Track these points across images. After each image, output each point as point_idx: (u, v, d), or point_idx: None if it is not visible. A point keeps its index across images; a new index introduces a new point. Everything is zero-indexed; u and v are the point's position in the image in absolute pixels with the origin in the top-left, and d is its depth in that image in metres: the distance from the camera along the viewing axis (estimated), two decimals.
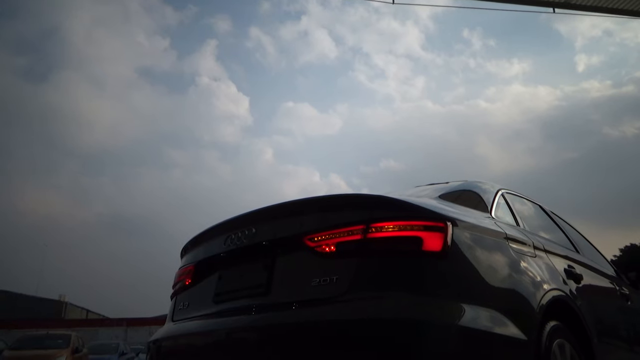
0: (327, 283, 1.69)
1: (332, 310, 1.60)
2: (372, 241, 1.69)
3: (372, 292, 1.60)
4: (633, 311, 3.17)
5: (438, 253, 1.64)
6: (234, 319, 1.89)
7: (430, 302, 1.55)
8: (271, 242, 1.96)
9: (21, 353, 11.94)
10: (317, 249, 1.78)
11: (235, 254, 2.09)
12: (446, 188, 2.40)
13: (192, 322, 2.13)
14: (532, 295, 1.89)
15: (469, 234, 1.80)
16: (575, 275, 2.43)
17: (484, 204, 2.30)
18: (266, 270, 1.92)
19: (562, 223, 3.26)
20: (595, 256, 3.35)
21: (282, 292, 1.84)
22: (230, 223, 2.21)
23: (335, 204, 1.90)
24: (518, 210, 2.59)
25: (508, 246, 2.00)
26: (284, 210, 2.03)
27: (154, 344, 2.25)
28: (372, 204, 1.80)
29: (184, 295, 2.35)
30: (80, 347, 13.33)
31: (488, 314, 1.65)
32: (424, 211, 1.77)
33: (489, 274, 1.77)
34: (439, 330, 1.51)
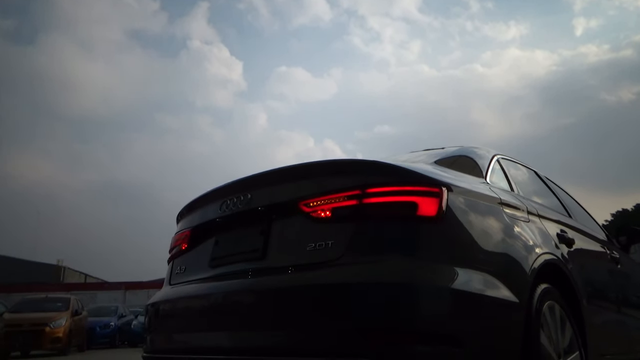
0: (323, 248, 1.71)
1: (327, 274, 1.62)
2: (368, 206, 1.70)
3: (367, 257, 1.62)
4: (622, 274, 3.24)
5: (433, 218, 1.66)
6: (230, 282, 1.91)
7: (424, 266, 1.57)
8: (267, 207, 1.97)
9: (21, 316, 12.14)
10: (312, 214, 1.79)
11: (231, 219, 2.11)
12: (442, 154, 2.40)
13: (189, 285, 2.16)
14: (524, 259, 1.92)
15: (464, 199, 1.82)
16: (567, 239, 2.47)
17: (479, 169, 2.31)
18: (262, 235, 1.93)
19: (556, 188, 3.29)
20: (588, 221, 3.40)
21: (277, 256, 1.87)
22: (225, 189, 2.21)
23: (331, 170, 1.90)
24: (513, 175, 2.60)
25: (502, 211, 2.02)
26: (279, 175, 2.03)
27: (152, 306, 2.29)
28: (368, 169, 1.80)
29: (181, 260, 2.38)
30: (79, 310, 13.57)
31: (481, 277, 1.68)
32: (420, 176, 1.77)
33: (482, 239, 1.79)
34: (432, 293, 1.53)
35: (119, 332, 16.52)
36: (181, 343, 2.06)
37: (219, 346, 1.85)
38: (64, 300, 13.62)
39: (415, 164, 1.97)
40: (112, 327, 16.11)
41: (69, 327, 12.13)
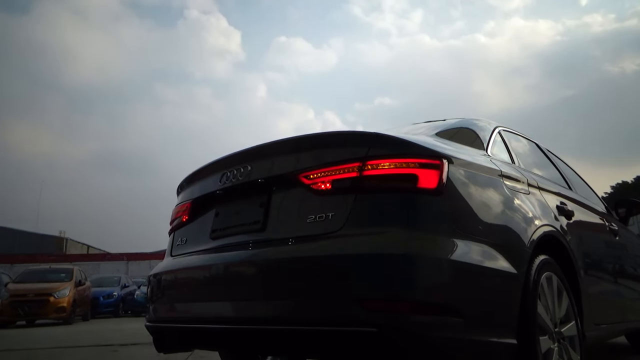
0: (323, 220, 1.71)
1: (327, 246, 1.63)
2: (368, 178, 1.69)
3: (367, 228, 1.62)
4: (620, 246, 3.27)
5: (433, 190, 1.66)
6: (231, 254, 1.93)
7: (423, 238, 1.58)
8: (267, 179, 1.97)
9: (25, 286, 12.33)
10: (312, 186, 1.79)
11: (231, 191, 2.11)
12: (443, 125, 2.39)
13: (190, 257, 2.18)
14: (523, 230, 1.94)
15: (464, 171, 1.81)
16: (566, 211, 2.48)
17: (480, 141, 2.30)
18: (262, 207, 1.94)
19: (556, 160, 3.29)
20: (587, 193, 3.41)
21: (278, 228, 1.88)
22: (225, 160, 2.21)
23: (331, 142, 1.89)
24: (514, 147, 2.60)
25: (502, 183, 2.02)
26: (279, 147, 2.02)
27: (154, 277, 2.32)
28: (368, 141, 1.79)
29: (182, 232, 2.40)
30: (82, 280, 13.76)
31: (480, 248, 1.69)
32: (420, 148, 1.76)
33: (482, 211, 1.80)
34: (431, 264, 1.55)
35: (122, 302, 16.78)
36: (183, 312, 2.09)
37: (220, 316, 1.87)
38: (67, 271, 13.80)
39: (416, 136, 1.96)
40: (115, 297, 16.36)
41: (72, 297, 12.34)
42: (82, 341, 6.63)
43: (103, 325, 10.86)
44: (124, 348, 5.47)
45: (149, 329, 2.27)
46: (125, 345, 5.82)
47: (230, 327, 1.85)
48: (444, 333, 1.51)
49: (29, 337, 7.97)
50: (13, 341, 7.13)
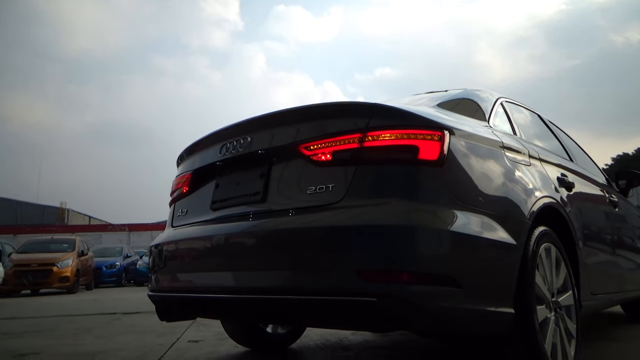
0: (323, 191, 1.71)
1: (328, 217, 1.64)
2: (368, 149, 1.69)
3: (367, 200, 1.62)
4: (619, 217, 3.29)
5: (434, 161, 1.65)
6: (231, 225, 1.94)
7: (423, 209, 1.58)
8: (267, 150, 1.96)
9: (29, 256, 12.48)
10: (313, 158, 1.79)
11: (231, 162, 2.11)
12: (445, 96, 2.37)
13: (191, 227, 2.19)
14: (523, 202, 1.94)
15: (465, 143, 1.80)
16: (567, 183, 2.48)
17: (482, 112, 2.28)
18: (262, 178, 1.94)
19: (558, 132, 3.28)
20: (588, 164, 3.41)
21: (278, 199, 1.88)
22: (225, 131, 2.20)
23: (331, 112, 1.87)
24: (516, 118, 2.58)
25: (503, 155, 2.01)
26: (279, 118, 2.01)
27: (155, 248, 2.34)
28: (369, 112, 1.77)
29: (182, 203, 2.40)
30: (85, 251, 13.91)
31: (480, 219, 1.70)
32: (422, 120, 1.75)
33: (483, 182, 1.80)
34: (431, 235, 1.55)
35: (125, 272, 17.00)
36: (184, 282, 2.12)
37: (221, 285, 1.90)
38: (69, 241, 13.95)
39: (417, 107, 1.94)
40: (118, 267, 16.56)
41: (75, 267, 12.50)
42: (86, 310, 6.75)
43: (106, 295, 11.03)
44: (127, 316, 5.57)
45: (152, 299, 2.30)
46: (129, 313, 5.92)
47: (231, 296, 1.87)
48: (443, 302, 1.53)
49: (33, 305, 8.11)
50: (18, 309, 7.25)
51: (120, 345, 3.37)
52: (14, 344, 3.62)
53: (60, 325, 4.79)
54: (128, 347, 3.31)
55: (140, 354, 3.00)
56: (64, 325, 4.78)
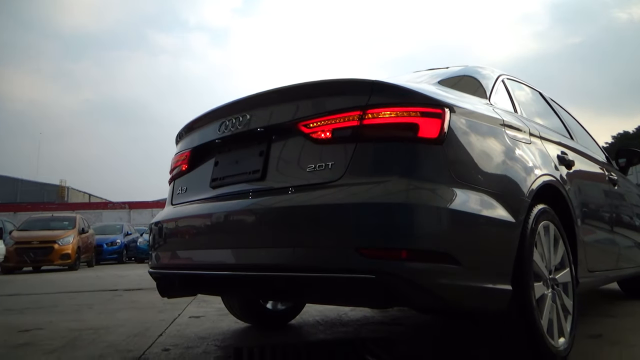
0: (323, 169, 1.71)
1: (327, 195, 1.64)
2: (368, 127, 1.68)
3: (367, 178, 1.62)
4: (618, 195, 3.29)
5: (434, 139, 1.65)
6: (231, 203, 1.94)
7: (423, 187, 1.58)
8: (266, 128, 1.95)
9: (30, 234, 12.55)
10: (312, 135, 1.78)
11: (230, 140, 2.10)
12: (445, 74, 2.35)
13: (191, 205, 2.20)
14: (523, 180, 1.94)
15: (466, 121, 1.79)
16: (567, 161, 2.48)
17: (483, 89, 2.27)
18: (261, 157, 1.93)
19: (559, 110, 3.26)
20: (588, 142, 3.41)
21: (277, 177, 1.88)
22: (224, 109, 2.18)
23: (331, 90, 1.85)
24: (517, 96, 2.56)
25: (504, 133, 2.01)
26: (278, 96, 1.99)
27: (155, 225, 2.34)
28: (369, 89, 1.75)
29: (182, 181, 2.40)
30: (85, 229, 13.98)
31: (479, 197, 1.70)
32: (422, 97, 1.73)
33: (482, 160, 1.79)
34: (430, 213, 1.56)
35: (126, 249, 17.12)
36: (185, 260, 2.13)
37: (221, 263, 1.91)
38: (70, 219, 14.00)
39: (417, 84, 1.93)
40: (119, 244, 16.67)
41: (76, 244, 12.59)
42: (88, 286, 6.82)
43: (108, 272, 11.13)
44: (128, 293, 5.63)
45: (152, 275, 2.32)
46: (130, 290, 5.99)
47: (232, 273, 1.89)
48: (441, 279, 1.54)
49: (35, 282, 8.19)
50: (21, 286, 7.32)
51: (121, 321, 3.41)
52: (17, 320, 3.67)
53: (62, 302, 4.84)
54: (129, 322, 3.35)
55: (141, 330, 3.04)
56: (66, 302, 4.83)
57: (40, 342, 2.72)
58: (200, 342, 2.60)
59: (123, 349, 2.49)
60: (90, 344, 2.65)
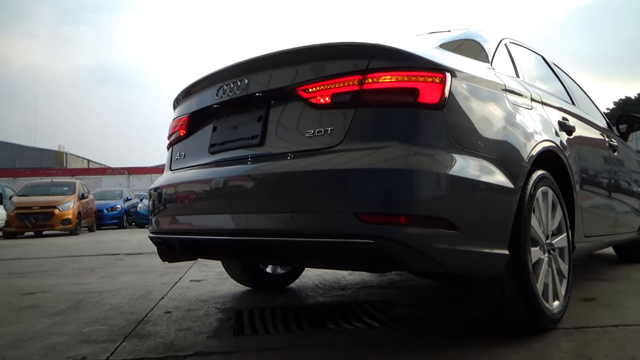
0: (322, 134, 1.70)
1: (327, 160, 1.63)
2: (368, 92, 1.66)
3: (366, 143, 1.61)
4: (617, 161, 3.29)
5: (434, 105, 1.63)
6: (230, 168, 1.94)
7: (422, 153, 1.58)
8: (264, 93, 1.93)
9: (30, 199, 12.61)
10: (311, 100, 1.76)
11: (228, 105, 2.08)
12: (447, 37, 2.30)
13: (190, 171, 2.19)
14: (523, 146, 1.93)
15: (467, 85, 1.77)
16: (568, 127, 2.47)
17: (485, 53, 2.23)
18: (260, 122, 1.92)
19: (561, 75, 3.22)
20: (590, 108, 3.38)
21: (276, 143, 1.87)
22: (221, 73, 2.15)
23: (331, 53, 1.82)
24: (519, 60, 2.52)
25: (505, 98, 1.98)
26: (277, 59, 1.95)
27: (154, 191, 2.35)
28: (369, 52, 1.72)
29: (180, 146, 2.39)
30: (85, 194, 14.03)
31: (478, 163, 1.70)
32: (423, 61, 1.71)
33: (483, 126, 1.78)
34: (429, 179, 1.56)
35: (126, 215, 17.22)
36: (185, 224, 2.14)
37: (221, 228, 1.92)
38: (69, 184, 14.04)
39: (419, 48, 1.89)
40: (119, 209, 16.76)
41: (77, 210, 12.67)
42: (90, 251, 6.90)
43: (109, 236, 11.24)
44: (129, 257, 5.70)
45: (153, 240, 2.34)
46: (131, 254, 6.06)
47: (231, 238, 1.90)
48: (439, 244, 1.55)
49: (37, 246, 8.27)
50: (23, 250, 7.41)
51: (124, 285, 3.47)
52: (20, 283, 3.73)
53: (64, 266, 4.90)
54: (131, 286, 3.41)
55: (143, 293, 3.09)
56: (68, 265, 4.90)
57: (45, 305, 2.77)
58: (201, 305, 2.65)
59: (126, 311, 2.55)
60: (94, 306, 2.70)
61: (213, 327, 2.15)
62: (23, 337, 2.06)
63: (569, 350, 1.68)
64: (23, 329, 2.20)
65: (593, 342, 1.77)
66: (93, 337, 2.03)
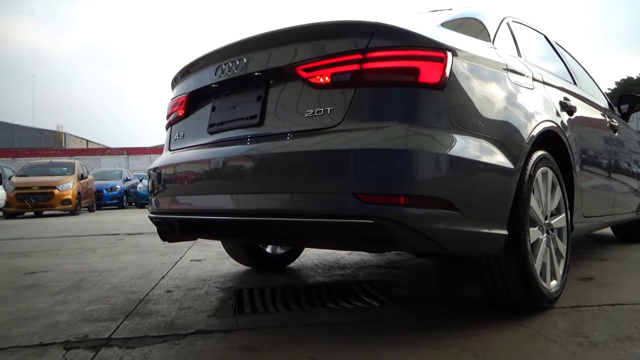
0: (322, 114, 1.69)
1: (326, 141, 1.62)
2: (368, 71, 1.64)
3: (366, 123, 1.60)
4: (618, 142, 3.29)
5: (435, 84, 1.61)
6: (229, 148, 1.93)
7: (422, 133, 1.57)
8: (263, 72, 1.91)
9: (29, 179, 12.62)
10: (311, 80, 1.74)
11: (227, 84, 2.06)
12: (448, 16, 2.27)
13: (189, 151, 2.19)
14: (523, 126, 1.92)
15: (468, 65, 1.75)
16: (569, 107, 2.46)
17: (487, 32, 2.20)
18: (259, 102, 1.90)
19: (564, 54, 3.19)
20: (591, 88, 3.36)
21: (276, 123, 1.85)
22: (220, 52, 2.12)
23: (331, 32, 1.80)
24: (521, 39, 2.49)
25: (506, 77, 1.97)
26: (276, 38, 1.93)
27: (154, 171, 2.35)
28: (370, 31, 1.70)
29: (179, 126, 2.38)
30: (85, 174, 14.03)
31: (478, 143, 1.69)
32: (424, 40, 1.68)
33: (483, 106, 1.77)
34: (429, 159, 1.55)
35: (126, 195, 17.26)
36: (184, 205, 2.15)
37: (220, 208, 1.92)
38: (68, 165, 14.03)
39: (419, 27, 1.87)
40: (119, 189, 16.79)
41: (77, 190, 12.69)
42: (90, 230, 6.93)
43: (109, 217, 11.28)
44: (130, 237, 5.73)
45: (153, 220, 2.35)
46: (131, 234, 6.09)
47: (231, 219, 1.91)
48: (438, 225, 1.56)
49: (38, 226, 8.31)
50: (23, 230, 7.44)
51: (124, 264, 3.49)
52: (22, 263, 3.75)
53: (65, 245, 4.93)
54: (132, 265, 3.43)
55: (144, 272, 3.11)
56: (69, 245, 4.92)
57: (47, 284, 2.79)
58: (201, 284, 2.68)
59: (127, 290, 2.57)
60: (95, 285, 2.72)
61: (213, 306, 2.17)
62: (25, 315, 2.08)
63: (565, 329, 1.70)
64: (25, 308, 2.22)
65: (589, 320, 1.79)
66: (95, 315, 2.05)
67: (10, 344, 1.69)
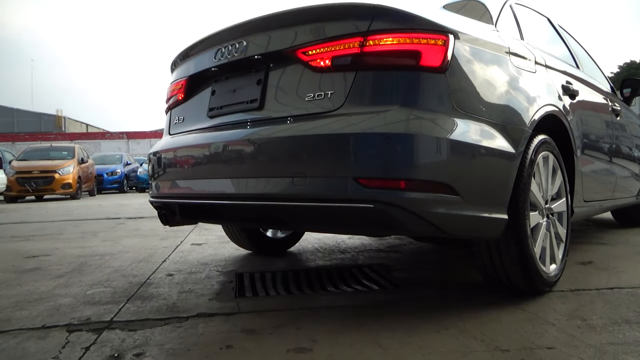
0: (322, 98, 1.68)
1: (327, 125, 1.62)
2: (369, 55, 1.62)
3: (367, 107, 1.59)
4: (620, 126, 3.27)
5: (437, 68, 1.60)
6: (229, 132, 1.92)
7: (423, 117, 1.56)
8: (263, 55, 1.89)
9: (30, 163, 12.62)
10: (311, 63, 1.73)
11: (227, 68, 2.04)
12: None
13: (189, 135, 2.18)
14: (525, 110, 1.91)
15: (470, 48, 1.74)
16: (571, 91, 2.44)
17: (489, 15, 2.18)
18: (259, 85, 1.89)
19: (567, 37, 3.16)
20: (594, 72, 3.33)
21: (276, 107, 1.84)
22: (219, 35, 2.10)
23: (331, 14, 1.78)
24: (524, 22, 2.47)
25: (508, 61, 1.95)
26: (276, 21, 1.91)
27: (154, 155, 2.34)
28: (371, 13, 1.68)
29: (178, 110, 2.37)
30: (85, 158, 14.02)
31: (480, 127, 1.68)
32: (426, 23, 1.66)
33: (485, 90, 1.76)
34: (430, 143, 1.55)
35: (126, 179, 17.27)
36: (185, 189, 2.15)
37: (221, 192, 1.92)
38: (69, 149, 14.02)
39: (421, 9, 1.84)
40: (119, 173, 16.79)
41: (77, 174, 12.70)
42: (91, 215, 6.95)
43: (110, 201, 11.30)
44: (131, 221, 5.75)
45: (153, 204, 2.35)
46: (132, 218, 6.11)
47: (231, 203, 1.91)
48: (439, 209, 1.56)
49: (39, 210, 8.33)
50: (25, 214, 7.46)
51: (126, 248, 3.51)
52: (24, 246, 3.77)
53: (66, 229, 4.95)
54: (134, 249, 3.45)
55: (145, 256, 3.13)
56: (70, 229, 4.94)
57: (49, 268, 2.81)
58: (202, 268, 2.69)
59: (128, 274, 2.58)
60: (97, 269, 2.74)
61: (214, 290, 2.19)
62: (28, 298, 2.10)
63: (564, 312, 1.71)
64: (27, 291, 2.23)
65: (588, 304, 1.81)
66: (97, 298, 2.06)
67: (14, 327, 1.70)
